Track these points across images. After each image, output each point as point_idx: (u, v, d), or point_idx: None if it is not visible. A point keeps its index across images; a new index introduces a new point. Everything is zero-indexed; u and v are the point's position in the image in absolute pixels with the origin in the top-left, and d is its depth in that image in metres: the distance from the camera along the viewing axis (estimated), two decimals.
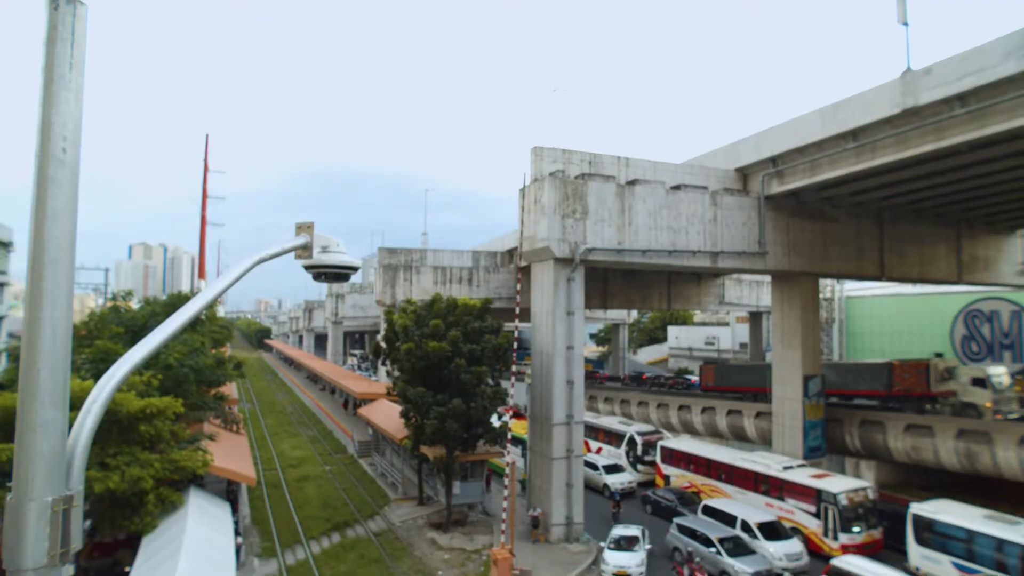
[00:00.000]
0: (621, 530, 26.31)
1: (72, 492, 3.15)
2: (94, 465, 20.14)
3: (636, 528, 26.26)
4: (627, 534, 25.83)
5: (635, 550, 24.85)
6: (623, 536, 25.75)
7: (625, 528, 26.49)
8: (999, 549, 20.57)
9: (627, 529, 26.32)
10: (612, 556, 24.66)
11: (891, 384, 34.98)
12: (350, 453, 45.95)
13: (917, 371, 34.62)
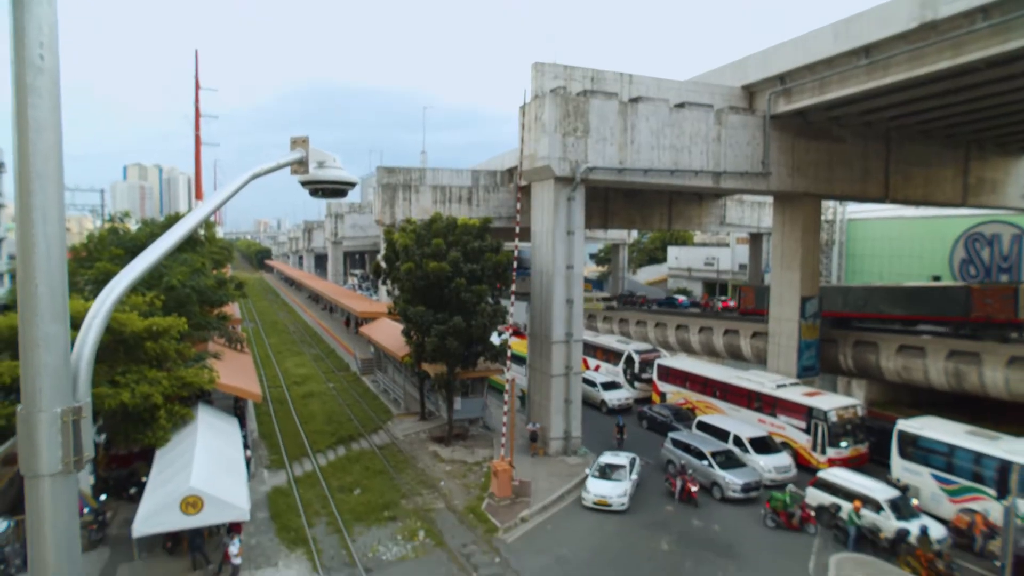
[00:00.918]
0: (608, 457, 25.59)
1: (80, 404, 3.23)
2: (104, 383, 20.68)
3: (625, 457, 25.42)
4: (613, 462, 25.03)
5: (619, 479, 24.12)
6: (609, 464, 24.96)
7: (613, 456, 25.72)
8: (977, 462, 21.41)
9: (615, 457, 25.53)
10: (594, 484, 24.04)
11: (969, 310, 32.91)
12: (353, 370, 47.00)
13: (1003, 296, 32.52)
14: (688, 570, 19.52)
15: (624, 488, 23.62)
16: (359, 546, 20.94)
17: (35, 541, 3.22)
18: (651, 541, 21.26)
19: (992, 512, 20.36)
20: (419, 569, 19.66)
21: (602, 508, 23.22)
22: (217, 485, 18.62)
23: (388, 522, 22.59)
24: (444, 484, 25.89)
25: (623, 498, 23.37)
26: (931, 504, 22.36)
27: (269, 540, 21.15)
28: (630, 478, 24.18)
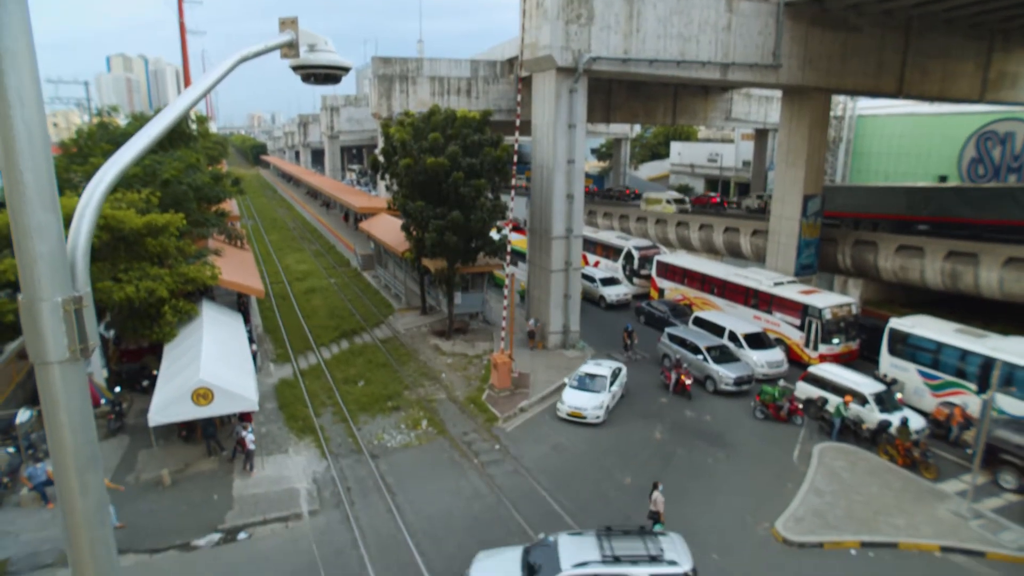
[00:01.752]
0: (590, 366, 24.26)
1: (80, 293, 3.24)
2: (107, 279, 20.86)
3: (608, 366, 24.12)
4: (594, 372, 23.72)
5: (597, 391, 22.93)
6: (589, 374, 23.69)
7: (596, 365, 24.38)
8: (962, 359, 22.02)
9: (597, 366, 24.18)
10: (570, 395, 22.98)
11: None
12: (353, 266, 47.30)
13: None
14: (680, 457, 20.54)
15: (601, 400, 22.61)
16: (364, 434, 21.93)
17: (51, 425, 3.33)
18: (646, 431, 22.23)
19: (970, 405, 21.20)
20: (422, 456, 20.69)
21: (576, 420, 22.55)
22: (226, 377, 19.23)
23: (392, 412, 23.53)
24: (445, 376, 26.74)
25: (598, 411, 22.42)
26: (914, 398, 23.22)
27: (278, 429, 22.11)
28: (609, 390, 23.04)
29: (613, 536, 13.23)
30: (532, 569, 12.90)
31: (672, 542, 13.20)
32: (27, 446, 18.89)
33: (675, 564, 12.38)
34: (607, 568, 12.28)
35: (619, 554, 12.53)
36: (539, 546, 13.63)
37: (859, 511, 17.36)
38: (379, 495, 18.36)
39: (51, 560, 15.18)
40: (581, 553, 12.66)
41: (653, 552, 12.59)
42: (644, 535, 13.33)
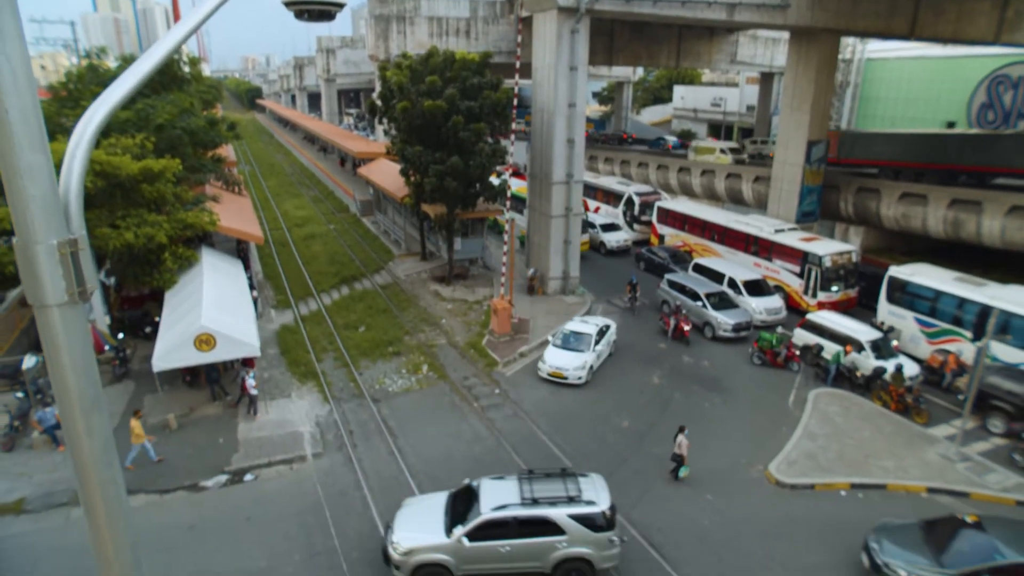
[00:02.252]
0: (576, 324, 23.20)
1: (75, 236, 3.22)
2: (105, 226, 20.75)
3: (594, 324, 23.07)
4: (580, 330, 22.69)
5: (580, 350, 21.96)
6: (574, 332, 22.69)
7: (582, 323, 23.33)
8: (959, 307, 22.12)
9: (583, 324, 23.16)
10: (551, 355, 22.02)
11: None
12: (352, 212, 46.99)
13: None
14: (677, 401, 20.88)
15: (583, 361, 21.58)
16: (366, 379, 22.23)
17: (54, 368, 3.36)
18: (644, 375, 22.52)
19: (964, 353, 21.42)
20: (423, 400, 21.02)
21: (557, 381, 21.68)
22: (227, 324, 19.35)
23: (392, 357, 23.79)
24: (445, 321, 26.92)
25: (580, 371, 21.40)
26: (910, 345, 23.44)
27: (281, 374, 22.39)
28: (593, 349, 22.00)
29: (535, 479, 13.57)
30: (455, 513, 13.26)
31: (592, 483, 13.57)
32: (35, 391, 19.17)
33: (592, 504, 12.82)
34: (525, 510, 12.69)
35: (537, 496, 12.92)
36: (463, 491, 13.92)
37: (851, 454, 17.77)
38: (381, 438, 18.74)
39: (65, 500, 15.62)
40: (501, 496, 13.03)
41: (572, 493, 12.99)
42: (565, 477, 13.65)
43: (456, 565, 12.68)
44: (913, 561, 12.58)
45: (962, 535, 12.84)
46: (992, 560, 12.01)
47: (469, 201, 29.11)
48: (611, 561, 13.07)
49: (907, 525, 13.77)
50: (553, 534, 12.70)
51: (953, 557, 12.43)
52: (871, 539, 13.54)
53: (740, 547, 14.43)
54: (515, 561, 12.82)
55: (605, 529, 12.78)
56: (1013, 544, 12.22)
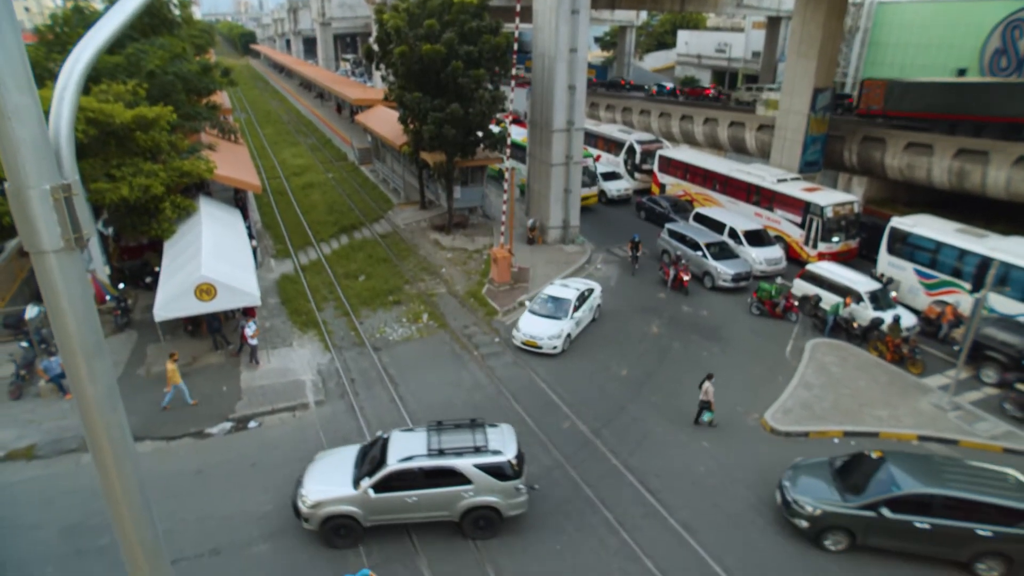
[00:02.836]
0: (555, 288, 21.94)
1: (68, 181, 3.17)
2: (101, 177, 20.55)
3: (575, 289, 21.85)
4: (558, 295, 21.44)
5: (556, 317, 20.78)
6: (552, 297, 21.47)
7: (561, 286, 22.08)
8: (960, 258, 22.08)
9: (563, 288, 21.91)
10: (526, 323, 20.87)
11: None
12: (351, 160, 46.44)
13: None
14: (676, 350, 21.08)
15: (560, 329, 20.43)
16: (366, 328, 22.38)
17: (55, 315, 3.36)
18: (643, 325, 22.67)
19: (962, 304, 21.50)
20: (423, 348, 21.21)
21: (531, 350, 20.65)
22: (227, 273, 19.36)
23: (393, 306, 23.90)
24: (445, 270, 26.94)
25: (556, 340, 20.27)
26: (908, 296, 23.50)
27: (282, 323, 22.53)
28: (571, 316, 20.83)
29: (444, 430, 13.69)
30: (364, 465, 13.40)
31: (501, 433, 13.74)
32: (39, 340, 19.33)
33: (499, 453, 13.00)
34: (432, 460, 12.84)
35: (444, 447, 13.08)
36: (374, 443, 14.04)
37: (845, 403, 18.04)
38: (382, 386, 19.00)
39: (75, 446, 15.94)
40: (408, 448, 13.14)
41: (478, 443, 13.14)
42: (474, 427, 13.75)
43: (364, 516, 12.86)
44: (820, 497, 13.22)
45: (866, 471, 13.49)
46: (889, 492, 12.63)
47: (469, 149, 28.73)
48: (519, 509, 13.33)
49: (818, 463, 14.35)
50: (460, 484, 12.87)
51: (855, 492, 13.09)
52: (785, 477, 14.13)
53: (734, 493, 14.81)
54: (423, 511, 13.05)
55: (512, 478, 12.95)
56: (909, 476, 12.85)
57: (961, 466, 13.34)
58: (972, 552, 12.40)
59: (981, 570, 12.48)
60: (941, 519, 12.30)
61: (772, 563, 13.00)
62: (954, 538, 12.37)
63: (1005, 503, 12.11)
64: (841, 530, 12.98)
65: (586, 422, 17.40)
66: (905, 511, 12.47)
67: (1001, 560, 12.29)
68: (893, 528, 12.57)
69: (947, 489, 12.38)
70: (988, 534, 12.14)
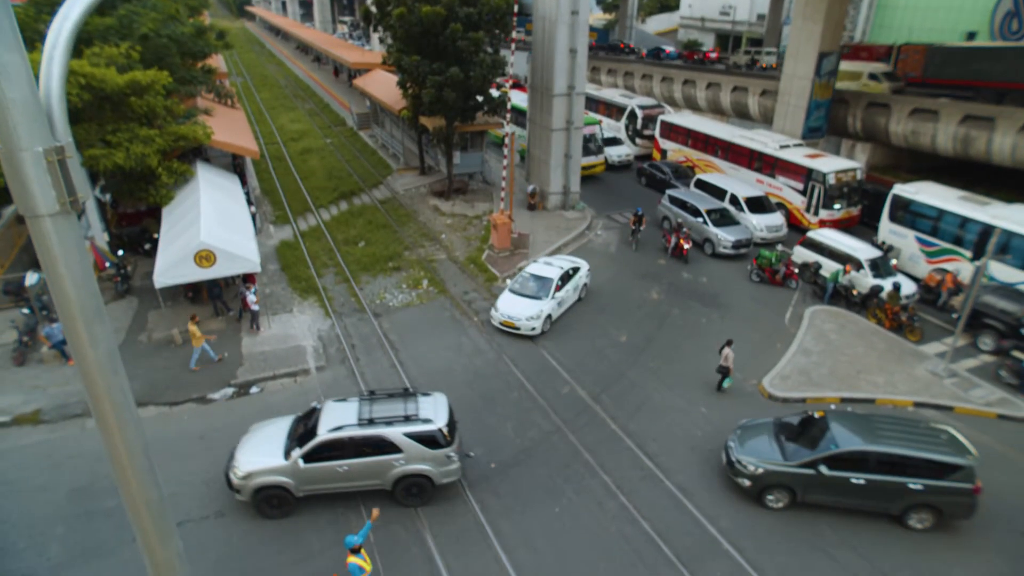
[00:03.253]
0: (538, 266, 21.08)
1: (61, 143, 3.13)
2: (96, 143, 20.32)
3: (559, 267, 20.89)
4: (540, 274, 20.59)
5: (536, 297, 19.95)
6: (534, 275, 20.60)
7: (545, 264, 21.15)
8: (961, 226, 21.99)
9: (546, 267, 20.96)
10: (504, 302, 20.04)
11: None
12: (349, 126, 45.92)
13: None
14: (675, 317, 21.15)
15: (539, 310, 19.54)
16: (366, 294, 22.42)
17: (53, 280, 3.36)
18: (642, 291, 22.69)
19: (962, 272, 21.49)
20: (424, 314, 21.27)
21: (509, 331, 19.90)
22: (226, 239, 19.31)
23: (393, 272, 23.90)
24: (445, 236, 26.87)
25: (535, 322, 19.42)
26: (908, 264, 23.48)
27: (282, 289, 22.55)
28: (553, 297, 19.98)
29: (375, 400, 13.74)
30: (296, 436, 13.48)
31: (433, 401, 13.78)
32: (40, 307, 19.37)
33: (429, 422, 13.08)
34: (361, 430, 12.87)
35: (374, 416, 13.14)
36: (308, 414, 14.07)
37: (843, 370, 18.17)
38: (383, 352, 19.11)
39: (80, 411, 16.10)
40: (339, 418, 13.18)
41: (409, 412, 13.21)
42: (407, 397, 13.79)
43: (296, 486, 12.92)
44: (762, 456, 13.60)
45: (807, 431, 13.92)
46: (828, 451, 13.03)
47: (468, 114, 28.38)
48: (451, 477, 13.43)
49: (763, 423, 14.70)
50: (390, 452, 12.93)
51: (796, 451, 13.52)
52: (730, 438, 14.46)
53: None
54: (355, 480, 13.13)
55: (442, 446, 13.04)
56: (847, 435, 13.26)
57: (900, 423, 13.78)
58: (904, 505, 12.97)
59: (912, 522, 13.08)
60: (875, 475, 12.83)
61: (764, 525, 13.26)
62: (887, 492, 12.93)
63: (935, 458, 12.60)
64: (782, 488, 13.42)
65: (585, 387, 17.55)
66: (842, 468, 12.94)
67: (931, 512, 12.90)
68: (830, 484, 13.06)
69: (881, 446, 12.85)
70: (919, 488, 12.69)
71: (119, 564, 12.12)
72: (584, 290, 22.01)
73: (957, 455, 12.63)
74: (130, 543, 12.06)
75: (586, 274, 22.01)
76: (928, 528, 13.06)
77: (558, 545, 12.80)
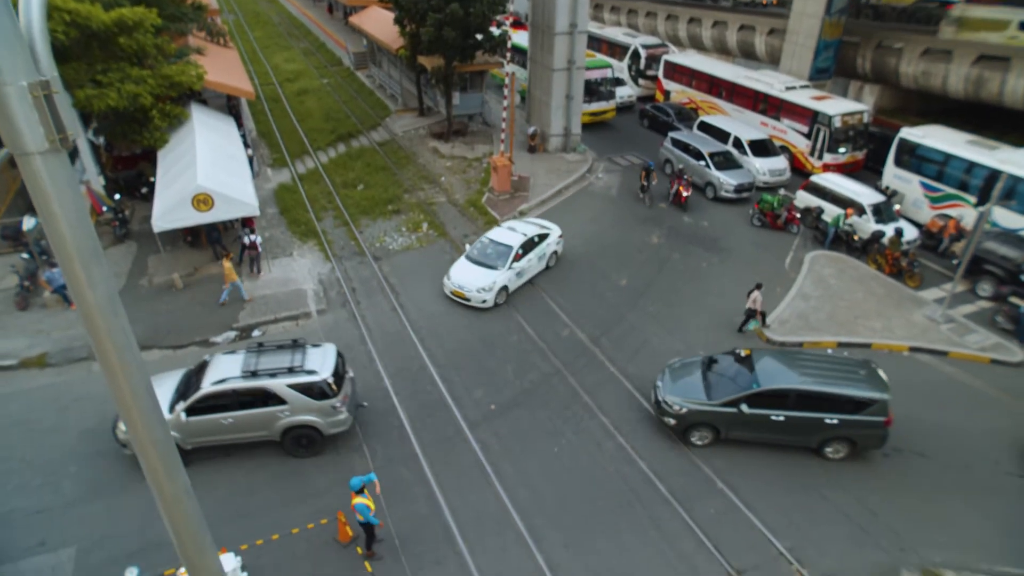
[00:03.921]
0: (499, 232, 19.55)
1: (46, 77, 3.03)
2: (86, 83, 19.85)
3: (523, 233, 19.35)
4: (501, 240, 19.09)
5: (492, 267, 18.50)
6: (493, 242, 19.16)
7: (507, 231, 19.55)
8: (968, 171, 21.66)
9: (509, 232, 19.42)
10: (456, 271, 18.73)
11: None
12: (346, 65, 44.79)
13: None
14: (675, 261, 21.13)
15: (492, 281, 18.14)
16: (366, 237, 22.34)
17: (47, 220, 3.31)
18: (643, 235, 22.61)
19: (965, 218, 21.33)
20: (423, 257, 21.25)
21: (461, 301, 18.68)
22: (224, 183, 19.11)
23: (392, 215, 23.75)
24: (445, 179, 26.58)
25: (486, 294, 18.06)
26: (911, 210, 23.27)
27: (281, 233, 22.45)
28: (510, 267, 18.49)
29: (263, 352, 13.70)
30: (182, 390, 13.42)
31: (321, 353, 13.72)
32: (40, 252, 19.32)
33: (313, 373, 13.12)
34: (245, 382, 12.90)
35: (258, 368, 13.15)
36: (199, 367, 13.94)
37: (841, 315, 18.28)
38: (383, 295, 19.18)
39: (85, 355, 16.28)
40: (224, 371, 13.17)
41: (294, 364, 13.20)
42: (295, 348, 13.71)
43: (182, 439, 12.95)
44: (687, 395, 13.93)
45: (731, 370, 14.27)
46: (750, 389, 13.42)
47: (468, 53, 27.61)
48: (340, 427, 13.50)
49: (691, 363, 15.00)
50: (275, 404, 13.00)
51: (719, 390, 13.88)
52: (659, 377, 14.77)
53: None
54: (243, 432, 13.20)
55: (328, 397, 13.11)
56: (769, 374, 13.67)
57: (822, 360, 14.22)
58: (821, 438, 13.56)
59: (829, 453, 13.73)
60: (794, 411, 13.30)
61: (755, 465, 13.60)
62: (805, 427, 13.47)
63: (849, 393, 13.08)
64: (705, 426, 13.83)
65: (585, 330, 17.70)
66: (762, 406, 13.38)
67: (846, 444, 13.55)
68: (751, 422, 13.54)
69: (800, 384, 13.28)
70: (835, 422, 13.25)
71: (130, 500, 12.50)
72: (554, 258, 20.37)
73: (873, 390, 13.13)
74: (140, 480, 12.39)
75: (556, 241, 20.28)
76: (842, 458, 13.67)
77: (557, 484, 13.16)
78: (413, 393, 15.53)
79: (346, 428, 13.69)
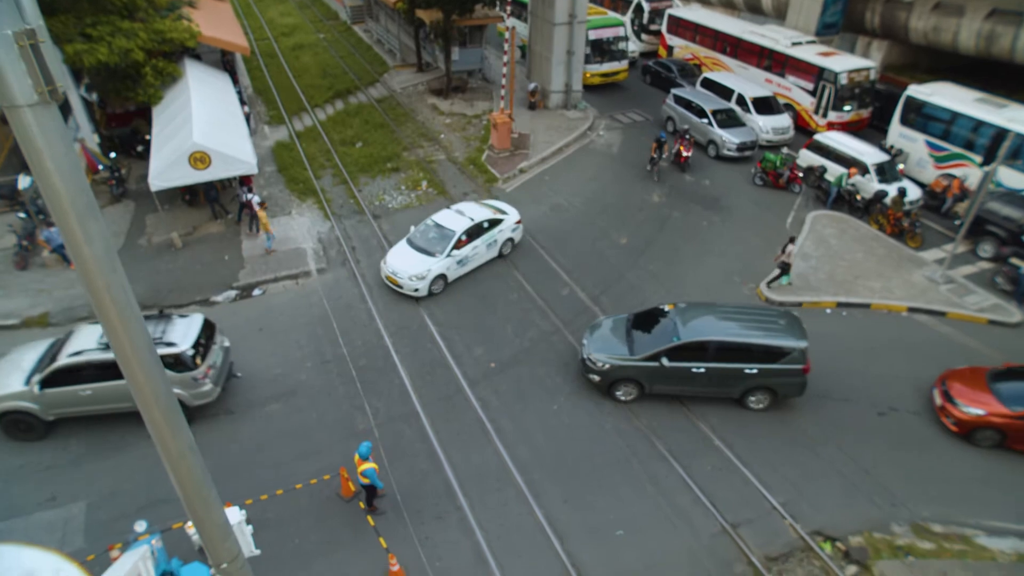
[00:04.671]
0: (445, 215, 18.18)
1: (32, 26, 2.95)
2: (76, 37, 19.39)
3: (471, 216, 17.99)
4: (444, 224, 17.78)
5: (430, 253, 17.25)
6: (436, 225, 17.87)
7: (455, 214, 18.15)
8: (975, 130, 21.33)
9: (455, 217, 18.02)
10: (394, 255, 17.55)
11: None
12: (343, 19, 43.79)
13: None
14: (675, 219, 21.03)
15: (426, 268, 16.90)
16: (365, 195, 22.17)
17: (39, 174, 3.27)
18: (644, 194, 22.44)
19: (970, 178, 21.11)
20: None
21: (395, 288, 17.47)
22: (221, 140, 18.86)
23: (391, 173, 23.53)
24: (444, 136, 26.26)
25: (418, 282, 16.87)
26: (915, 169, 23.02)
27: (280, 191, 22.28)
28: (449, 254, 17.20)
29: None
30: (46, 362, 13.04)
31: (187, 324, 13.53)
32: (37, 211, 19.18)
33: (172, 345, 12.92)
34: (100, 354, 12.67)
35: None
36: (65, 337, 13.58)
37: (841, 275, 18.27)
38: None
39: (86, 314, 16.32)
40: (82, 342, 12.99)
41: (155, 336, 12.88)
42: (160, 319, 13.53)
43: (41, 411, 12.82)
44: (610, 351, 14.01)
45: (653, 324, 14.39)
46: (669, 343, 13.52)
47: (467, 6, 26.94)
48: (205, 399, 13.33)
49: (616, 319, 15.08)
50: None
51: (641, 344, 13.97)
52: (584, 335, 14.87)
53: None
54: (104, 403, 13.05)
55: (189, 369, 12.93)
56: (689, 327, 13.77)
57: (742, 312, 14.34)
58: (743, 388, 13.79)
59: (751, 402, 14.01)
60: (714, 363, 13.49)
61: (751, 425, 13.79)
62: (726, 378, 13.70)
63: (767, 343, 13.26)
64: (629, 381, 13.95)
65: (585, 289, 17.73)
66: (683, 359, 13.50)
67: (767, 393, 13.81)
68: (672, 375, 13.67)
69: (718, 335, 13.46)
70: (755, 372, 13.46)
71: (136, 456, 12.71)
72: (508, 246, 18.86)
73: (791, 339, 13.28)
74: (145, 437, 12.58)
75: (512, 227, 18.70)
76: (764, 408, 13.91)
77: (556, 441, 13.36)
78: (413, 351, 15.64)
79: (212, 399, 13.47)
